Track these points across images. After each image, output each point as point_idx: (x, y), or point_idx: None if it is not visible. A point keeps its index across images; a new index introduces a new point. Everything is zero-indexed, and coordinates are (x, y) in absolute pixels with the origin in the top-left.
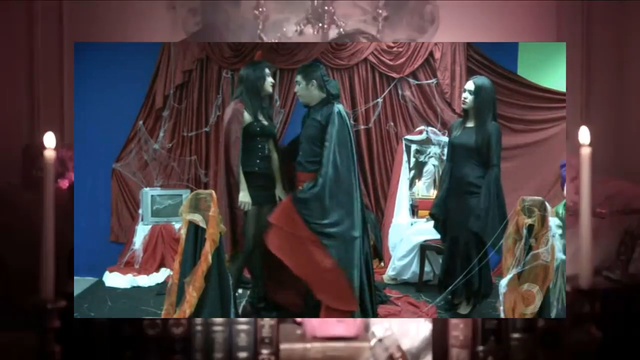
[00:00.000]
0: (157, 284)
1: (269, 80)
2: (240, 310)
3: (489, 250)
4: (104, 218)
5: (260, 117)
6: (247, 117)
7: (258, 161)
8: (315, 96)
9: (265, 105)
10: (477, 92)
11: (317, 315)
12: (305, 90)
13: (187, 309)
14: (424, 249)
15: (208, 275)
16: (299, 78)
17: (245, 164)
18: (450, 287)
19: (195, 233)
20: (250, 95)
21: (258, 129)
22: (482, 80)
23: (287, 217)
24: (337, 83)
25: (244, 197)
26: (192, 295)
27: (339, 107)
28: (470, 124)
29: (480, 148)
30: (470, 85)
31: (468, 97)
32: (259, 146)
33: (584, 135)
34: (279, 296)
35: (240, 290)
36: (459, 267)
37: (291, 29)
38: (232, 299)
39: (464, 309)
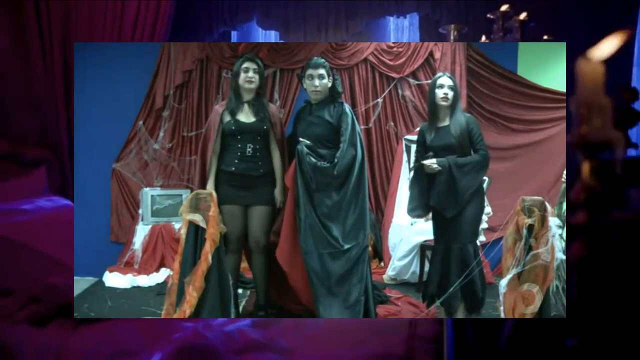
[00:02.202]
0: (157, 284)
1: (243, 76)
2: (240, 310)
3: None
4: (104, 218)
5: (240, 115)
6: (226, 116)
7: (236, 161)
8: (328, 92)
9: (253, 102)
10: (455, 87)
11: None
12: (327, 85)
13: (187, 309)
14: (424, 249)
15: (208, 275)
16: (322, 72)
17: (224, 163)
18: (444, 296)
19: (196, 233)
20: (231, 93)
21: (233, 127)
22: (450, 75)
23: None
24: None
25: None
26: (192, 295)
27: (347, 106)
28: (444, 123)
29: (461, 142)
30: (448, 80)
31: (449, 93)
32: (239, 146)
33: None
34: (282, 301)
35: (240, 290)
36: (455, 274)
37: None
38: (232, 299)
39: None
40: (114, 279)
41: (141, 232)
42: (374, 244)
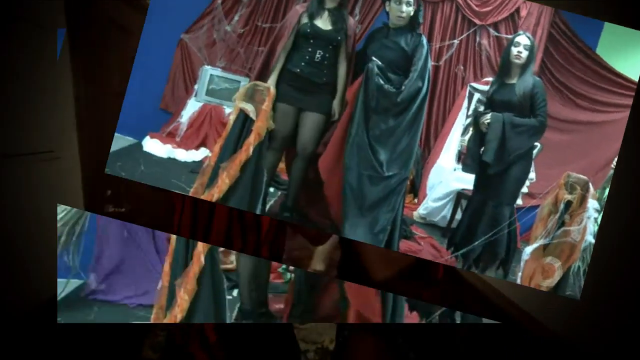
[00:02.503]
0: (193, 162)
1: None
2: (267, 209)
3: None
4: (159, 85)
5: (318, 20)
6: (304, 18)
7: (303, 64)
8: (409, 20)
9: (334, 10)
10: (532, 48)
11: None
12: (410, 13)
13: (215, 193)
14: (460, 197)
15: (244, 165)
16: None
17: (291, 63)
18: (466, 248)
19: (244, 122)
20: None
21: (309, 30)
22: (530, 35)
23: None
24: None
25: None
26: (224, 181)
27: (425, 38)
28: (512, 80)
29: (522, 103)
30: (525, 40)
31: (523, 52)
32: (309, 49)
33: None
34: (309, 209)
35: (271, 189)
36: (482, 231)
37: None
38: (262, 195)
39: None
40: (153, 145)
41: (191, 107)
42: (413, 179)
